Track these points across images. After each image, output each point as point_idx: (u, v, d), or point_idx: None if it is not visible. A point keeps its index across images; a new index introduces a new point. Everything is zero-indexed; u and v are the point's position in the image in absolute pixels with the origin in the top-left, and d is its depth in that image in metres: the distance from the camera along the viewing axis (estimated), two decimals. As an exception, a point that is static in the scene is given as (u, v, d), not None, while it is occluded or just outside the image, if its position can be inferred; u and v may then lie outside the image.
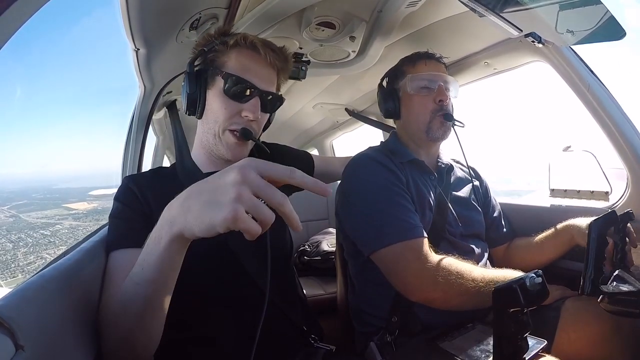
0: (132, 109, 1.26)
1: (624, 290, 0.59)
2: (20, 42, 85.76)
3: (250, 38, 0.71)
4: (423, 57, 0.96)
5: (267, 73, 0.73)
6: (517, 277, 0.49)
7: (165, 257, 0.45)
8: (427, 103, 0.92)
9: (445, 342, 0.74)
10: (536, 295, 0.48)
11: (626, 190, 0.97)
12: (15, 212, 23.50)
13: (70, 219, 19.78)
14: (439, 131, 0.92)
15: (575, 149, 1.15)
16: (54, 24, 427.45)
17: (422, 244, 0.77)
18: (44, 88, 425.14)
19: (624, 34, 0.78)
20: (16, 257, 16.18)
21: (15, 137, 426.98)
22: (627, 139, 0.89)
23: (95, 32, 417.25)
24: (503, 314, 0.48)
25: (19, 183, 54.23)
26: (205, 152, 0.77)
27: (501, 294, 0.49)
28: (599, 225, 0.61)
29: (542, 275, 0.50)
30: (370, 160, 0.89)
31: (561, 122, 37.98)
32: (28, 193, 28.33)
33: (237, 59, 0.70)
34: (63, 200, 25.58)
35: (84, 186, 33.40)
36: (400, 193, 0.83)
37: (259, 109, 0.70)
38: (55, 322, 0.48)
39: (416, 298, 0.76)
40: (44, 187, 34.08)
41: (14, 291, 0.46)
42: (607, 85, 0.93)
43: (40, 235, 18.66)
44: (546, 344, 0.67)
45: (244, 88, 0.69)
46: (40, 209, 23.91)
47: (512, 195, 2.64)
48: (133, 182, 0.72)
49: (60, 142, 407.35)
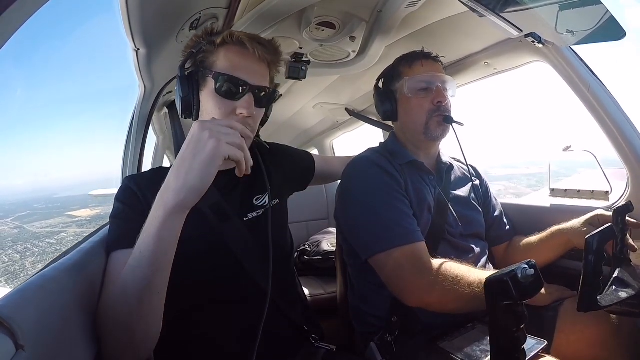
0: (132, 109, 1.26)
1: (623, 297, 0.59)
2: (20, 42, 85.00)
3: (236, 34, 0.70)
4: (419, 56, 0.94)
5: (258, 68, 0.72)
6: (508, 269, 0.47)
7: (163, 233, 0.50)
8: (425, 104, 0.91)
9: (445, 342, 0.74)
10: (529, 287, 0.45)
11: (626, 190, 0.97)
12: (19, 224, 23.66)
13: (74, 226, 19.93)
14: (437, 131, 0.91)
15: (575, 149, 1.15)
16: (54, 24, 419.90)
17: (419, 249, 0.76)
18: (43, 90, 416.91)
19: (624, 34, 0.78)
20: (24, 267, 16.32)
21: (14, 146, 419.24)
22: (627, 139, 0.89)
23: (96, 32, 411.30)
24: (496, 308, 0.46)
25: (19, 194, 54.48)
26: None
27: (493, 286, 0.47)
28: (595, 240, 0.58)
29: (535, 265, 0.47)
30: (369, 163, 0.89)
31: (562, 119, 37.35)
32: (30, 204, 28.50)
33: (225, 57, 0.70)
34: (65, 208, 25.70)
35: (85, 193, 33.38)
36: (397, 197, 0.82)
37: (252, 105, 0.69)
38: (55, 322, 0.48)
39: (413, 303, 0.76)
40: (45, 197, 34.23)
41: (14, 291, 0.46)
42: (607, 85, 0.93)
43: (46, 244, 18.82)
44: (546, 345, 0.67)
45: (236, 86, 0.69)
46: (44, 218, 24.05)
47: (511, 179, 2.60)
48: (133, 182, 0.72)
49: (59, 145, 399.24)
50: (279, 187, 0.83)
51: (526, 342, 0.47)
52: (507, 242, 1.02)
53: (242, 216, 0.74)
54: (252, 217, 0.75)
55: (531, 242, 0.96)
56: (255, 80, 0.70)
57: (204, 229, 0.68)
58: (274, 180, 0.79)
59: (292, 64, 1.23)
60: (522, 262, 0.47)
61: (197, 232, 0.62)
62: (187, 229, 0.53)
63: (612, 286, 0.61)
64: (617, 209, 0.72)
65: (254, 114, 0.70)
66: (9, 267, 16.51)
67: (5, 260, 17.38)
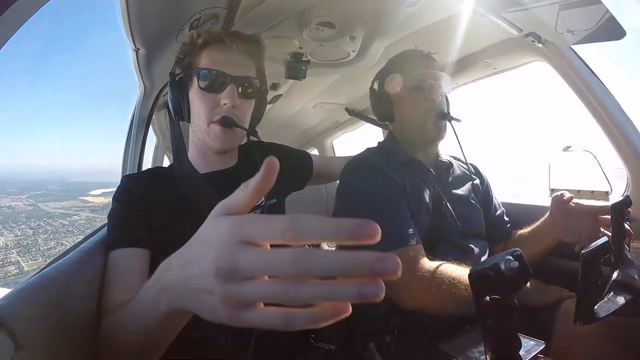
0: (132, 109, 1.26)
1: (621, 302, 0.58)
2: (22, 42, 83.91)
3: (214, 32, 0.73)
4: (411, 55, 0.94)
5: (239, 59, 0.73)
6: (491, 260, 0.42)
7: (164, 326, 0.40)
8: (419, 103, 0.89)
9: (444, 344, 0.74)
10: (514, 280, 0.41)
11: (626, 190, 0.97)
12: (33, 202, 23.77)
13: (87, 211, 20.00)
14: (433, 131, 0.90)
15: (575, 149, 1.15)
16: (53, 24, 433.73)
17: (414, 251, 0.76)
18: (44, 88, 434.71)
19: (624, 34, 0.78)
20: (36, 242, 16.49)
21: (32, 131, 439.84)
22: (627, 139, 0.89)
23: (96, 32, 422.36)
24: (481, 301, 0.43)
25: (35, 174, 54.45)
26: (198, 152, 0.78)
27: (476, 280, 0.44)
28: (592, 255, 0.57)
29: (520, 255, 0.42)
30: (365, 164, 0.89)
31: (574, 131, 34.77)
32: (44, 184, 28.61)
33: (207, 55, 0.72)
34: (80, 192, 25.75)
35: (99, 181, 33.47)
36: (393, 198, 0.82)
37: (235, 94, 0.70)
38: (55, 322, 0.48)
39: (408, 306, 0.76)
40: (61, 180, 34.23)
41: (14, 291, 0.46)
42: (607, 85, 0.93)
43: (59, 224, 18.92)
44: (545, 346, 0.67)
45: (216, 77, 0.70)
46: (58, 200, 24.06)
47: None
48: (131, 182, 0.72)
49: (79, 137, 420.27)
50: (276, 186, 0.82)
51: (524, 343, 0.46)
52: (506, 241, 1.02)
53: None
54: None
55: (524, 234, 0.97)
56: (236, 71, 0.71)
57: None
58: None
59: (292, 63, 1.23)
60: (506, 252, 0.43)
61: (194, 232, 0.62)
62: (186, 231, 0.52)
63: (611, 292, 0.61)
64: (616, 204, 0.71)
65: (237, 103, 0.71)
66: (21, 241, 16.73)
67: (19, 234, 17.56)
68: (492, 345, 0.44)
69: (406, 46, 1.12)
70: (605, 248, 0.59)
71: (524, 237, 0.96)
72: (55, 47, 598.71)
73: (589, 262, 0.56)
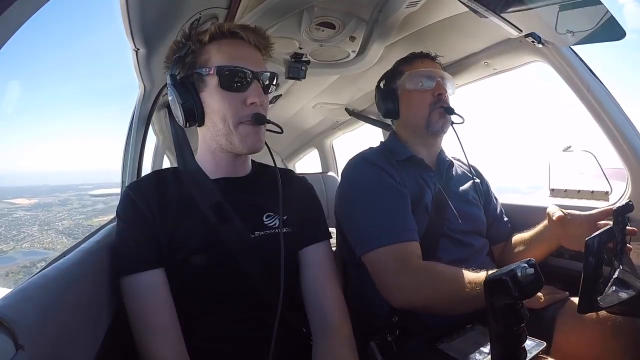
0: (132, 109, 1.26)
1: (623, 297, 0.58)
2: (22, 41, 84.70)
3: (226, 26, 0.69)
4: (419, 56, 0.98)
5: (255, 54, 0.70)
6: (508, 268, 0.46)
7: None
8: (426, 98, 0.93)
9: (444, 344, 0.74)
10: (529, 286, 0.44)
11: (626, 190, 0.97)
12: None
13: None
14: (438, 123, 0.93)
15: (575, 149, 1.15)
16: (53, 24, 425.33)
17: (408, 248, 0.76)
18: (45, 87, 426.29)
19: (624, 34, 0.78)
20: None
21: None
22: (627, 139, 0.89)
23: (96, 31, 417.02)
24: (496, 307, 0.46)
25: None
26: (212, 158, 0.74)
27: (492, 286, 0.46)
28: (596, 242, 0.57)
29: (535, 264, 0.46)
30: (364, 162, 0.90)
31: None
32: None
33: (220, 51, 0.68)
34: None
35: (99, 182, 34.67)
36: (391, 195, 0.83)
37: (262, 91, 0.68)
38: (56, 322, 0.48)
39: (397, 303, 0.75)
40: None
41: (14, 291, 0.46)
42: (606, 85, 0.93)
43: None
44: (546, 346, 0.67)
45: (242, 76, 0.66)
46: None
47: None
48: (133, 190, 0.69)
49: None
50: (293, 218, 0.75)
51: (526, 343, 0.47)
52: (506, 241, 1.02)
53: (250, 231, 0.69)
54: (259, 235, 0.70)
55: (524, 237, 0.97)
56: (258, 67, 0.69)
57: (209, 235, 0.66)
58: (290, 209, 0.73)
59: (291, 64, 1.23)
60: (522, 261, 0.46)
61: (200, 238, 0.63)
62: (190, 236, 0.52)
63: (613, 287, 0.61)
64: (618, 209, 0.72)
65: (265, 101, 0.69)
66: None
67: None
68: (500, 345, 0.46)
69: (406, 46, 1.13)
70: (609, 235, 0.60)
71: (525, 240, 0.96)
72: (55, 47, 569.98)
73: (593, 247, 0.57)
